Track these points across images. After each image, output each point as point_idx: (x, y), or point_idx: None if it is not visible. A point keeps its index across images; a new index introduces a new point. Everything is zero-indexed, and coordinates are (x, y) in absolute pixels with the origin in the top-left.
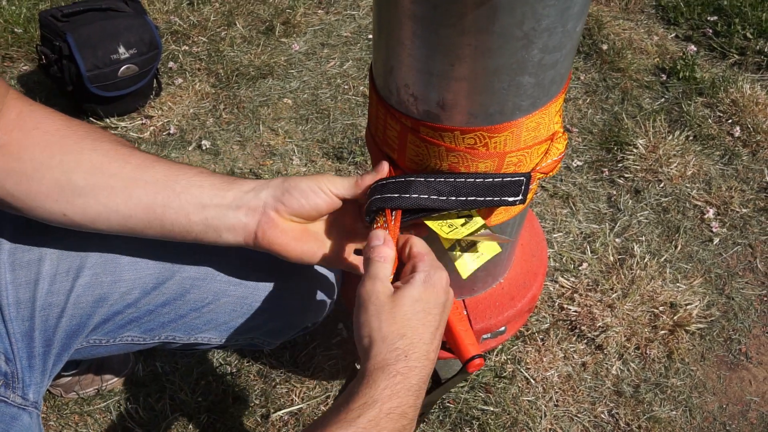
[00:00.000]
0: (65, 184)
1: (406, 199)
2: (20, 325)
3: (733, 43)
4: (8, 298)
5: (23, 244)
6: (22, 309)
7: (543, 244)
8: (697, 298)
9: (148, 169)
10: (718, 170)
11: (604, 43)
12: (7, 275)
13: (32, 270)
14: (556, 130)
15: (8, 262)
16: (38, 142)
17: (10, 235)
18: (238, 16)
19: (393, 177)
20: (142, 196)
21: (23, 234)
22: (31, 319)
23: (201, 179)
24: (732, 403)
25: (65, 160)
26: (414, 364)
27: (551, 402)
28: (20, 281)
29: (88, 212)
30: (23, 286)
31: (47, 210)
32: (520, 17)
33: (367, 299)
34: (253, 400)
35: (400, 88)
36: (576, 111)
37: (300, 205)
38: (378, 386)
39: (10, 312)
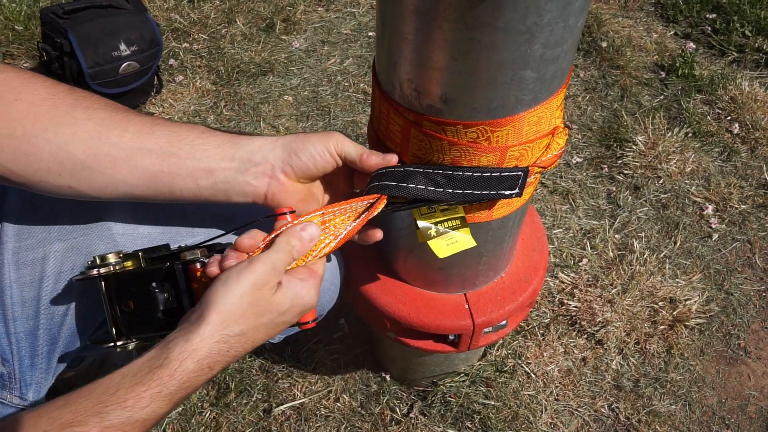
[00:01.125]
0: (65, 158)
1: (403, 188)
2: (24, 323)
3: (731, 40)
4: (12, 297)
5: (27, 243)
6: (26, 308)
7: (544, 239)
8: (696, 294)
9: (149, 136)
10: (717, 167)
11: (604, 41)
12: (11, 274)
13: (36, 269)
14: (557, 124)
15: (12, 261)
16: (26, 115)
17: (14, 234)
18: (238, 14)
19: (393, 166)
20: (148, 166)
21: (27, 233)
22: (36, 317)
23: (204, 141)
24: (731, 397)
25: (60, 132)
26: (227, 359)
27: (552, 396)
28: (25, 280)
29: (94, 184)
30: (28, 285)
31: (52, 184)
32: (523, 12)
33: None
34: (255, 394)
35: (404, 83)
36: (575, 108)
37: (308, 169)
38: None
39: (14, 311)
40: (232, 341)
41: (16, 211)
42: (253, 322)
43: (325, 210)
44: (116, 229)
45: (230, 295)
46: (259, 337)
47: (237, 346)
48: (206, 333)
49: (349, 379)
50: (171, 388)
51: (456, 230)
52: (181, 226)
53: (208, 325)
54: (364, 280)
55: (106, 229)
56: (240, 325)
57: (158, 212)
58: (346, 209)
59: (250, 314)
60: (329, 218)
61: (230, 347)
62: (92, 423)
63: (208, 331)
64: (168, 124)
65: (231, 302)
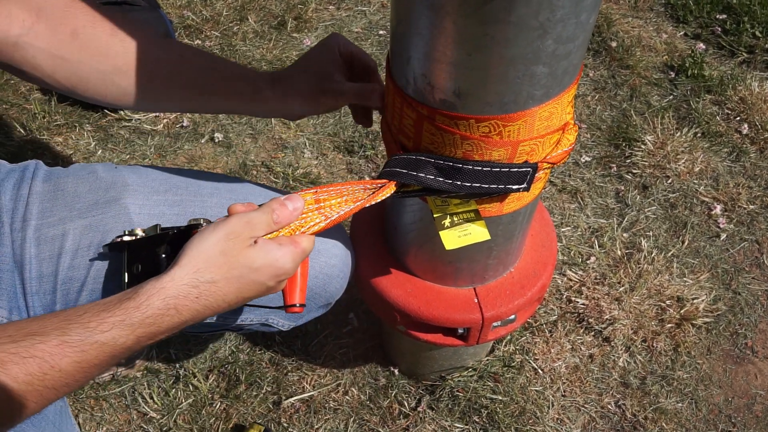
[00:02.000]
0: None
1: (414, 176)
2: (41, 298)
3: (741, 41)
4: (31, 272)
5: (48, 221)
6: (44, 283)
7: (552, 235)
8: (704, 293)
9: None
10: (725, 167)
11: (613, 41)
12: (32, 249)
13: (56, 245)
14: (568, 120)
15: (34, 238)
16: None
17: (38, 213)
18: (250, 11)
19: (405, 154)
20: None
21: (49, 211)
22: (53, 292)
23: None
24: (738, 396)
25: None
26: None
27: (559, 392)
28: (44, 255)
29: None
30: (46, 260)
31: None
32: (536, 8)
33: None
34: (265, 386)
35: (417, 78)
36: (585, 107)
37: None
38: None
39: (32, 286)
40: (202, 287)
41: (42, 192)
42: (225, 273)
43: (318, 189)
44: (133, 209)
45: (204, 243)
46: (230, 291)
47: (207, 294)
48: (177, 274)
49: (357, 372)
50: (134, 319)
51: (471, 222)
52: (195, 207)
53: (180, 268)
54: (375, 274)
55: (123, 208)
56: (211, 272)
57: (174, 194)
58: (343, 191)
59: (222, 263)
60: (324, 197)
61: (200, 293)
62: (53, 335)
63: (178, 273)
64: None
65: (203, 248)
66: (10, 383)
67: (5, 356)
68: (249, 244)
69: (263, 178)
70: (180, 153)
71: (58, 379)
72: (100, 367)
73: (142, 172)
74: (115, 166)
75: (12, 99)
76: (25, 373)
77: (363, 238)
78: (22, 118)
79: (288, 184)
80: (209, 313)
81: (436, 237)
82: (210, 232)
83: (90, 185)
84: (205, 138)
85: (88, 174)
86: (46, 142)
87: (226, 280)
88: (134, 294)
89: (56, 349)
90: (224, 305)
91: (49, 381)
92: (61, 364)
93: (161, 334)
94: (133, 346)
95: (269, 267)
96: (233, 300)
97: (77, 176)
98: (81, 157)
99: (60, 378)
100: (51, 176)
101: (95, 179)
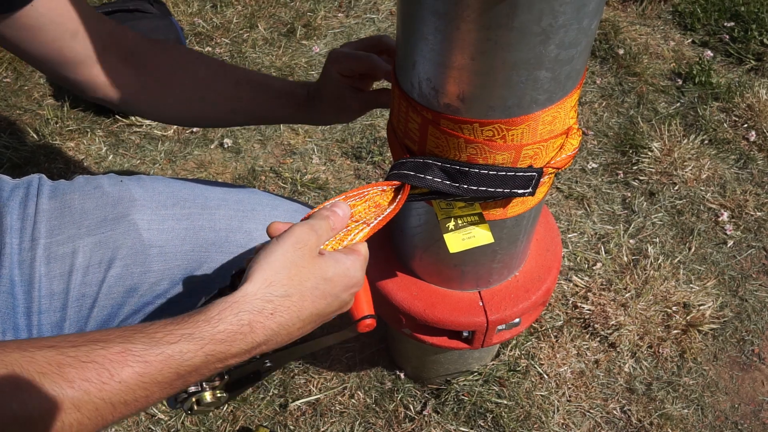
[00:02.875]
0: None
1: (421, 179)
2: (51, 316)
3: (749, 48)
4: (41, 290)
5: (58, 239)
6: (54, 300)
7: (557, 239)
8: (711, 299)
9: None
10: (732, 174)
11: (621, 48)
12: (42, 268)
13: (66, 262)
14: (571, 125)
15: (44, 256)
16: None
17: (47, 231)
18: (260, 19)
19: (413, 157)
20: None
21: (58, 229)
22: (63, 309)
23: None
24: (744, 402)
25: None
26: (271, 324)
27: (564, 397)
28: (54, 273)
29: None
30: (57, 278)
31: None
32: (538, 13)
33: (294, 240)
34: (272, 389)
35: (422, 82)
36: (592, 114)
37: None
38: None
39: (41, 304)
40: (276, 302)
41: (49, 209)
42: (298, 285)
43: (346, 195)
44: (142, 225)
45: (272, 256)
46: (305, 305)
47: (282, 309)
48: (249, 290)
49: (363, 376)
50: (204, 333)
51: (475, 225)
52: (204, 220)
53: (251, 283)
54: (381, 277)
55: (133, 224)
56: (284, 285)
57: (181, 207)
58: (365, 194)
59: (294, 274)
60: (352, 203)
61: (275, 308)
62: (116, 342)
63: (250, 288)
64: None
65: (272, 260)
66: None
67: (63, 359)
68: (316, 253)
69: (272, 184)
70: (189, 158)
71: (117, 392)
72: (162, 386)
73: (147, 184)
74: (120, 178)
75: (25, 105)
76: (82, 378)
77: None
78: (35, 124)
79: (296, 190)
80: (284, 335)
81: (440, 240)
82: (276, 244)
83: (97, 201)
84: (214, 144)
85: (94, 189)
86: (59, 148)
87: (300, 294)
88: (205, 309)
89: (118, 356)
90: (299, 324)
91: (107, 393)
92: (122, 374)
93: (232, 357)
94: (200, 367)
95: (342, 277)
96: (307, 317)
97: (83, 192)
98: (92, 162)
99: (119, 391)
100: (56, 192)
101: (101, 194)
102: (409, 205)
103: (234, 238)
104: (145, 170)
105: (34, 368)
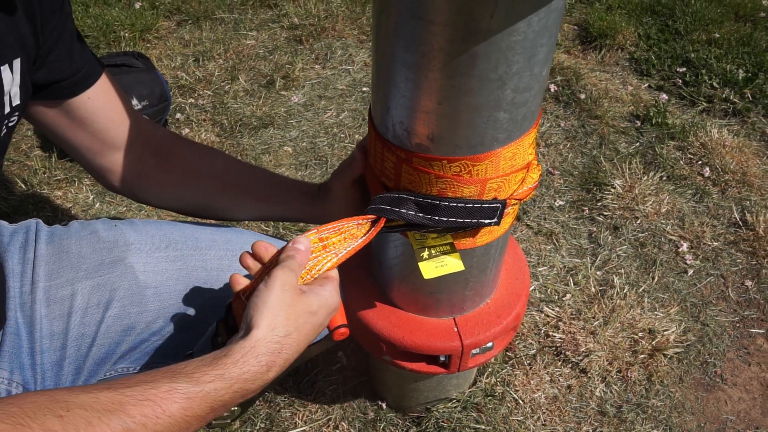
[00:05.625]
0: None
1: (396, 212)
2: (51, 355)
3: (701, 91)
4: (42, 331)
5: (57, 282)
6: (55, 340)
7: (525, 268)
8: (674, 325)
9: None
10: (690, 207)
11: (582, 93)
12: (42, 310)
13: (66, 304)
14: (531, 160)
15: (44, 299)
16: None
17: (45, 275)
18: (240, 71)
19: (389, 192)
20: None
21: (57, 273)
22: (63, 349)
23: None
24: (709, 421)
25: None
26: (280, 361)
27: (539, 421)
28: (54, 314)
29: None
30: (57, 319)
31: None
32: (494, 63)
33: (280, 284)
34: (258, 423)
35: (396, 125)
36: (557, 155)
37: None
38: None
39: (42, 344)
40: (283, 342)
41: (47, 254)
42: (294, 323)
43: (319, 228)
44: (138, 267)
45: (268, 302)
46: (302, 339)
47: (287, 347)
48: (260, 335)
49: (347, 407)
50: (233, 374)
51: (447, 254)
52: (196, 260)
53: (259, 329)
54: (361, 307)
55: (129, 267)
56: (285, 326)
57: (174, 249)
58: (340, 228)
59: (289, 315)
60: (326, 236)
61: (282, 348)
62: (163, 382)
63: (261, 334)
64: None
65: (270, 307)
66: (129, 423)
67: (123, 398)
68: (299, 291)
69: (254, 226)
70: None
71: (167, 425)
72: (199, 419)
73: (140, 228)
74: (114, 223)
75: (14, 156)
76: (141, 414)
77: (350, 273)
78: (24, 174)
79: (278, 232)
80: (285, 366)
81: (416, 270)
82: (268, 292)
83: (93, 246)
84: None
85: (90, 234)
86: (47, 196)
87: (297, 331)
88: (229, 352)
89: (167, 395)
90: (296, 354)
91: (159, 425)
92: (171, 409)
93: (250, 393)
94: (228, 402)
95: (324, 307)
96: (302, 347)
97: (79, 237)
98: (80, 210)
99: (168, 424)
100: (53, 238)
101: (98, 239)
102: (387, 238)
103: (224, 277)
104: (131, 217)
105: (101, 407)
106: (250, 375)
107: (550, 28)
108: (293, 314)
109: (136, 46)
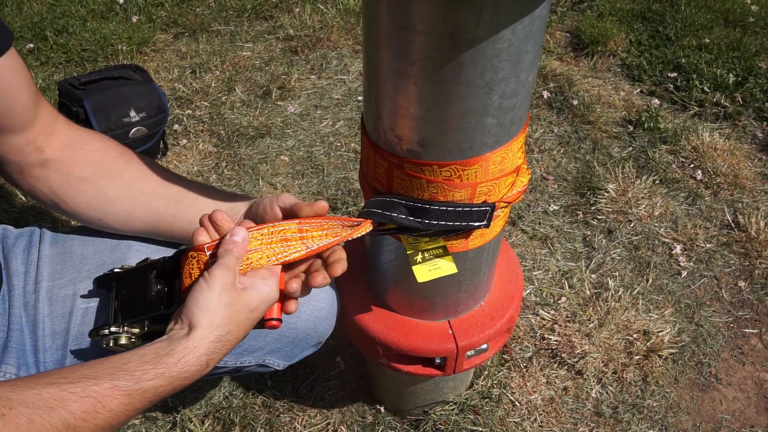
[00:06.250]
0: (101, 196)
1: (387, 216)
2: (53, 353)
3: (692, 96)
4: (44, 330)
5: (59, 282)
6: (56, 339)
7: (518, 271)
8: (669, 326)
9: (165, 186)
10: (683, 210)
11: (575, 99)
12: (45, 309)
13: (67, 304)
14: (520, 164)
15: (46, 298)
16: (83, 160)
17: (49, 275)
18: (237, 83)
19: (381, 196)
20: (159, 207)
21: (59, 273)
22: (64, 347)
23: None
24: (705, 421)
25: (103, 177)
26: (218, 357)
27: (536, 423)
28: (56, 314)
29: (118, 218)
30: (59, 318)
31: (88, 215)
32: (481, 70)
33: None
34: (258, 428)
35: (387, 132)
36: (551, 161)
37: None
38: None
39: (45, 342)
40: (223, 340)
41: (51, 255)
42: (234, 321)
43: (302, 220)
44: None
45: (210, 302)
46: (240, 334)
47: (227, 343)
48: (203, 335)
49: (346, 412)
50: (173, 372)
51: (440, 258)
52: None
53: (202, 328)
54: (358, 312)
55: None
56: (226, 325)
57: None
58: (323, 224)
59: (230, 313)
60: (306, 228)
61: (222, 345)
62: (105, 379)
63: (203, 333)
64: (183, 179)
65: (212, 306)
66: (70, 419)
67: (65, 395)
68: (239, 288)
69: None
70: None
71: (107, 419)
72: (137, 411)
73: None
74: None
75: None
76: (82, 410)
77: (346, 279)
78: None
79: None
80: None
81: (411, 274)
82: (209, 291)
83: (96, 247)
84: None
85: (92, 236)
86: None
87: (237, 326)
88: (170, 350)
89: (108, 392)
90: (234, 347)
91: (100, 419)
92: (111, 405)
93: (187, 386)
94: (166, 394)
95: (264, 303)
96: (241, 339)
97: (82, 239)
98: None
99: (108, 417)
100: (57, 240)
101: (100, 241)
102: (381, 243)
103: None
104: None
105: (43, 404)
106: (189, 373)
107: (535, 35)
108: (234, 312)
109: (134, 59)
